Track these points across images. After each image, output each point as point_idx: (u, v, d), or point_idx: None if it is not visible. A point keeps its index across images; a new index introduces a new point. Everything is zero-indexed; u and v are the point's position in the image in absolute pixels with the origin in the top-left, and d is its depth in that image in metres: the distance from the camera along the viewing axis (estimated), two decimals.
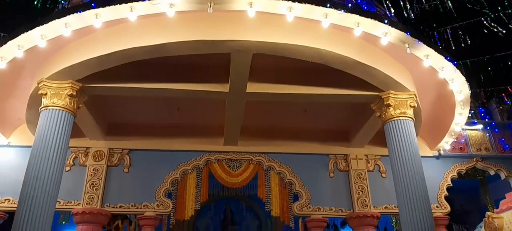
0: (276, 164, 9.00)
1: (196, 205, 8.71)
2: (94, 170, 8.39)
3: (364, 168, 9.14)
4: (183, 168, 8.74)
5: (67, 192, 7.96)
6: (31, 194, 5.67)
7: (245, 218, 13.43)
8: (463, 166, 9.33)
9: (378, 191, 8.92)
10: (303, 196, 8.76)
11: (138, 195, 8.37)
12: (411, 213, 6.19)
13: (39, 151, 5.97)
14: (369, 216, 8.51)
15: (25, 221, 5.50)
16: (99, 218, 8.00)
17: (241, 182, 9.04)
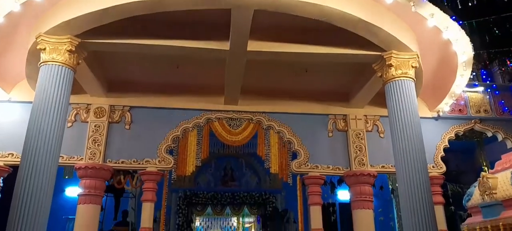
0: (276, 124, 9.07)
1: (197, 161, 8.86)
2: (96, 126, 8.47)
3: (362, 128, 9.22)
4: (184, 125, 8.81)
5: (69, 147, 8.07)
6: (34, 148, 5.74)
7: (245, 175, 13.76)
8: (461, 128, 9.41)
9: (376, 151, 9.05)
10: (301, 154, 8.90)
11: (140, 151, 8.49)
12: (407, 172, 6.32)
13: (40, 106, 6.00)
14: (366, 174, 8.67)
15: (28, 174, 5.60)
16: (102, 173, 8.16)
17: (241, 141, 9.15)
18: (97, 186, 8.06)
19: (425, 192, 6.16)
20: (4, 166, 8.08)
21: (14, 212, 5.43)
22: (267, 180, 13.42)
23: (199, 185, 13.44)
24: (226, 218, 15.66)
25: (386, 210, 12.14)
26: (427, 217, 6.00)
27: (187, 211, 13.00)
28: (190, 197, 13.03)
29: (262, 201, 13.20)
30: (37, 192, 5.53)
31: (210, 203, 13.31)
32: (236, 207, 13.59)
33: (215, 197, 13.22)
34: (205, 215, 14.46)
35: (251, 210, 13.60)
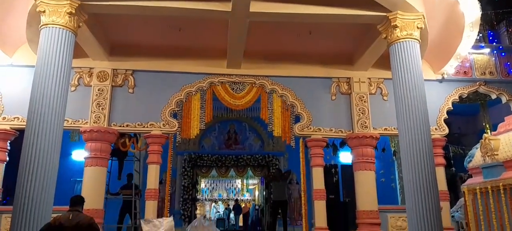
0: (279, 87, 9.05)
1: (201, 125, 8.94)
2: (99, 90, 8.49)
3: (366, 91, 9.20)
4: (187, 89, 8.82)
5: (74, 111, 8.13)
6: (38, 112, 5.80)
7: (248, 138, 13.90)
8: (465, 90, 9.35)
9: (379, 113, 9.06)
10: (304, 118, 8.94)
11: (144, 115, 8.56)
12: (410, 134, 6.36)
13: (42, 69, 6.00)
14: (368, 137, 8.74)
15: (35, 138, 5.68)
16: (107, 136, 8.27)
17: (244, 104, 9.18)
18: (103, 149, 8.19)
19: (427, 154, 6.22)
20: (10, 129, 8.20)
21: (22, 174, 5.55)
22: (270, 143, 13.56)
23: (203, 148, 13.62)
24: (230, 180, 16.00)
25: (387, 172, 12.29)
26: (428, 178, 6.09)
27: (192, 173, 13.24)
28: (195, 159, 13.25)
29: (265, 163, 13.41)
30: (44, 155, 5.63)
31: (215, 165, 13.54)
32: (240, 169, 13.83)
33: (220, 159, 13.42)
34: (210, 177, 14.76)
35: (255, 171, 13.84)
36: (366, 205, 8.51)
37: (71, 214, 4.58)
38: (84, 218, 4.65)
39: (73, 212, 4.62)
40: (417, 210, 6.00)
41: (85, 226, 4.54)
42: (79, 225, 4.51)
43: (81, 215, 4.68)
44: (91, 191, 7.93)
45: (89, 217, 4.74)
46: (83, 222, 4.57)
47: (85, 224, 4.56)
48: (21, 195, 5.46)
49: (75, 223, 4.49)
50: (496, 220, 7.61)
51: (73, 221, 4.50)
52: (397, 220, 8.65)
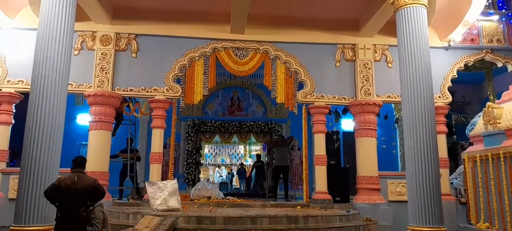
0: (283, 53, 8.99)
1: (204, 91, 8.96)
2: (103, 54, 8.47)
3: (371, 58, 9.12)
4: (190, 54, 8.78)
5: (78, 75, 8.14)
6: (43, 74, 5.79)
7: (251, 105, 13.95)
8: (471, 58, 9.25)
9: (383, 81, 9.03)
10: (307, 85, 8.92)
11: (147, 79, 8.58)
12: (413, 101, 6.34)
13: (45, 32, 5.95)
14: (371, 104, 8.75)
15: (40, 101, 5.71)
16: (111, 100, 8.32)
17: (247, 71, 9.15)
18: (107, 113, 8.26)
19: (429, 122, 6.23)
20: (15, 92, 8.26)
21: (28, 136, 5.63)
22: (273, 109, 13.62)
23: (207, 114, 13.71)
24: (233, 146, 16.17)
25: (389, 139, 12.39)
26: (430, 145, 6.13)
27: (196, 138, 13.39)
28: (198, 125, 13.36)
29: (268, 130, 13.51)
30: (49, 117, 5.68)
31: (218, 131, 13.66)
32: (243, 135, 13.95)
33: (223, 125, 13.53)
34: (213, 142, 14.90)
35: (258, 138, 13.97)
36: (366, 171, 8.63)
37: (76, 176, 4.54)
38: (89, 180, 4.64)
39: (78, 174, 4.58)
40: (417, 176, 6.08)
41: (91, 188, 4.52)
42: (85, 187, 4.48)
43: (86, 177, 4.66)
44: (96, 154, 8.08)
45: (94, 179, 4.72)
46: (89, 184, 4.55)
47: (91, 186, 4.54)
48: (27, 157, 5.56)
49: (81, 185, 4.47)
50: (495, 186, 7.73)
51: (79, 183, 4.47)
52: (396, 186, 8.78)
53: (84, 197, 4.46)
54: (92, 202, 4.60)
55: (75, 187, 4.44)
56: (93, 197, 4.58)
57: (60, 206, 4.46)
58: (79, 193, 4.43)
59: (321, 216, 6.64)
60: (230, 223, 6.09)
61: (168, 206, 6.91)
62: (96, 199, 4.65)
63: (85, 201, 4.47)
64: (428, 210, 5.91)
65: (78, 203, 4.41)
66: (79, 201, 4.42)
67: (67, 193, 4.40)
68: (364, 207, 8.09)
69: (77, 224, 4.41)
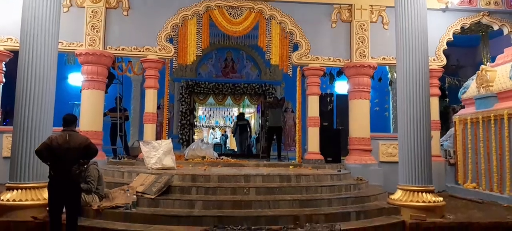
0: (278, 13, 8.82)
1: (198, 51, 8.83)
2: (93, 12, 8.25)
3: (367, 18, 9.00)
4: (183, 13, 8.59)
5: (68, 33, 7.93)
6: (31, 33, 5.63)
7: (245, 67, 13.83)
8: (468, 20, 9.15)
9: (378, 42, 8.96)
10: (303, 46, 8.83)
11: (140, 39, 8.42)
12: (408, 63, 6.30)
13: None
14: (366, 66, 8.72)
15: (29, 59, 5.57)
16: (103, 59, 8.19)
17: (241, 31, 9.00)
18: (99, 72, 8.16)
19: (423, 84, 6.22)
20: (4, 50, 8.09)
21: (20, 95, 5.55)
22: (267, 71, 13.53)
23: (200, 75, 13.59)
24: (227, 108, 16.18)
25: (382, 101, 12.46)
26: (422, 107, 6.15)
27: (190, 99, 13.34)
28: (192, 86, 13.27)
29: (262, 92, 13.46)
30: (40, 76, 5.58)
31: (212, 93, 13.59)
32: (237, 97, 13.90)
33: (217, 87, 13.45)
34: (207, 104, 14.87)
35: (251, 100, 13.95)
36: (358, 132, 8.72)
37: (67, 134, 4.52)
38: (81, 138, 4.62)
39: (69, 132, 4.56)
40: (409, 137, 6.15)
41: (83, 147, 4.53)
42: (77, 145, 4.49)
43: (78, 135, 4.63)
44: (89, 114, 8.07)
45: (86, 138, 4.72)
46: (81, 142, 4.55)
47: (83, 144, 4.54)
48: (20, 116, 5.51)
49: (73, 143, 4.46)
50: (484, 148, 7.91)
51: (71, 142, 4.46)
52: (388, 147, 8.93)
53: (75, 156, 4.47)
54: (84, 160, 4.64)
55: (67, 146, 4.44)
56: (86, 155, 4.60)
57: (52, 164, 4.47)
58: (71, 151, 4.44)
59: (312, 175, 6.76)
60: (224, 181, 6.19)
61: (163, 164, 6.98)
62: (88, 157, 4.71)
63: (77, 159, 4.50)
64: (418, 171, 6.02)
65: (70, 162, 4.43)
66: (72, 160, 4.44)
67: (59, 152, 4.41)
68: (355, 167, 8.23)
69: (70, 181, 4.47)
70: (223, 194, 5.86)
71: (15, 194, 5.35)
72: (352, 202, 6.13)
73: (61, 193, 4.44)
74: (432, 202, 5.96)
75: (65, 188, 4.43)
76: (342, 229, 5.09)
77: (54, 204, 4.50)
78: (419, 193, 5.99)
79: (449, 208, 6.49)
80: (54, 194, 4.48)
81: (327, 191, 6.31)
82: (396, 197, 6.20)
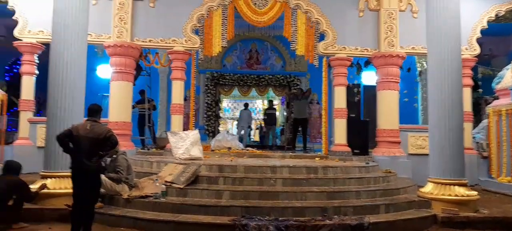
0: (304, 2, 8.71)
1: (223, 42, 8.85)
2: (120, 4, 8.36)
3: (396, 7, 8.76)
4: (208, 3, 8.60)
5: (96, 25, 8.05)
6: (62, 23, 5.77)
7: (270, 58, 13.77)
8: (503, 7, 8.74)
9: (407, 31, 8.73)
10: (329, 35, 8.69)
11: (166, 30, 8.50)
12: (439, 53, 6.09)
13: None
14: (395, 56, 8.51)
15: (61, 50, 5.71)
16: (131, 51, 8.32)
17: (266, 21, 8.95)
18: (127, 64, 8.30)
19: (455, 74, 6.01)
20: (36, 43, 8.33)
21: (53, 86, 5.70)
22: (292, 62, 13.43)
23: (225, 67, 13.64)
24: (251, 100, 16.17)
25: (411, 92, 12.11)
26: (454, 98, 5.94)
27: (215, 91, 13.43)
28: (217, 78, 13.35)
29: (286, 83, 13.39)
30: (71, 67, 5.71)
31: (237, 84, 13.64)
32: (261, 89, 13.89)
33: (241, 78, 13.47)
34: (231, 96, 14.92)
35: (276, 91, 13.89)
36: (387, 124, 8.55)
37: (89, 124, 4.44)
38: (102, 129, 4.46)
39: (91, 122, 4.47)
40: (440, 129, 5.96)
41: (102, 138, 4.38)
42: (96, 136, 4.36)
43: (99, 126, 4.50)
44: (118, 105, 8.23)
45: (108, 129, 4.55)
46: (101, 133, 4.40)
47: (102, 135, 4.38)
48: (53, 106, 5.67)
49: (92, 134, 4.35)
50: None
51: (91, 132, 4.36)
52: (417, 139, 8.70)
53: (95, 146, 4.35)
54: (104, 152, 4.50)
55: (86, 135, 4.34)
56: (105, 147, 4.45)
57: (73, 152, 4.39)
58: (91, 141, 4.33)
59: (340, 167, 6.67)
60: (251, 171, 6.18)
61: (190, 155, 7.05)
62: (108, 149, 4.55)
63: (97, 150, 4.37)
64: (450, 163, 5.84)
65: (89, 152, 4.31)
66: (91, 150, 4.32)
67: (79, 141, 4.33)
68: (383, 160, 8.07)
69: (89, 173, 4.35)
70: (249, 184, 5.86)
71: (49, 182, 5.52)
72: (380, 195, 6.01)
73: (80, 181, 4.36)
74: (465, 195, 5.77)
75: (83, 177, 4.34)
76: (371, 222, 5.00)
77: (75, 192, 4.42)
78: (451, 186, 5.80)
79: (483, 202, 6.27)
80: (74, 183, 4.42)
81: (355, 183, 6.20)
82: (426, 190, 6.04)
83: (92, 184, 4.44)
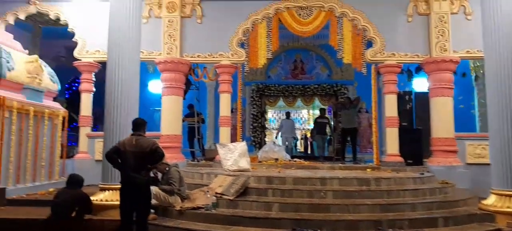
0: (350, 10, 8.58)
1: (268, 54, 8.91)
2: (169, 22, 8.70)
3: (447, 10, 8.41)
4: (253, 17, 8.72)
5: (147, 43, 8.38)
6: (117, 43, 6.09)
7: (315, 67, 13.64)
8: None
9: (461, 35, 8.33)
10: (377, 42, 8.49)
11: (213, 45, 8.72)
12: (498, 56, 5.74)
13: (116, 2, 6.20)
14: (448, 60, 8.14)
15: (116, 67, 6.02)
16: (180, 66, 8.61)
17: (311, 31, 8.92)
18: (177, 79, 8.61)
19: None
20: (93, 62, 8.85)
21: (109, 102, 6.02)
22: (338, 71, 13.20)
23: (270, 78, 13.69)
24: (296, 110, 16.06)
25: (467, 98, 11.44)
26: None
27: (261, 102, 13.51)
28: (262, 89, 13.43)
29: (333, 92, 13.18)
30: (126, 83, 6.01)
31: (282, 95, 13.62)
32: (307, 99, 13.77)
33: (286, 89, 13.44)
34: (277, 107, 14.92)
35: (322, 101, 13.70)
36: (442, 132, 8.16)
37: (134, 138, 4.53)
38: (147, 143, 4.52)
39: (136, 136, 4.55)
40: (502, 136, 5.59)
41: (148, 151, 4.44)
42: (142, 149, 4.43)
43: (145, 140, 4.57)
44: (169, 119, 8.53)
45: (153, 142, 4.60)
46: (147, 146, 4.47)
47: (148, 148, 4.45)
48: (109, 122, 5.97)
49: (138, 148, 4.44)
50: None
51: (137, 146, 4.44)
52: (475, 148, 8.20)
53: (141, 160, 4.42)
54: (151, 165, 4.60)
55: (134, 149, 4.42)
56: (151, 160, 4.52)
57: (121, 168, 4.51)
58: (138, 155, 4.40)
59: (393, 178, 6.44)
60: (300, 183, 6.13)
61: (238, 166, 7.12)
62: (155, 162, 4.65)
63: (144, 163, 4.45)
64: None
65: (137, 166, 4.39)
66: (138, 164, 4.40)
67: (126, 156, 4.43)
68: (439, 170, 7.67)
69: (139, 186, 4.41)
70: (299, 196, 5.81)
71: (107, 194, 5.80)
72: (438, 207, 5.71)
73: (129, 196, 4.43)
74: None
75: (133, 191, 4.41)
76: None
77: (124, 206, 4.50)
78: None
79: None
80: (123, 197, 4.49)
81: (410, 195, 5.96)
82: (489, 202, 5.66)
83: (142, 196, 4.52)
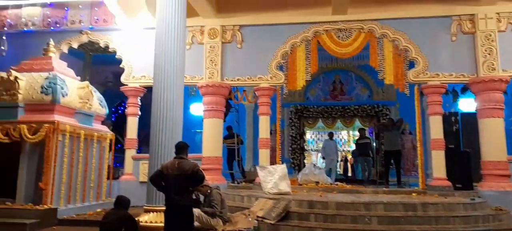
0: (390, 31, 8.49)
1: (307, 76, 8.94)
2: (211, 47, 8.99)
3: (494, 28, 8.14)
4: (292, 40, 8.83)
5: (190, 68, 8.68)
6: (163, 68, 6.28)
7: (355, 88, 13.43)
8: None
9: (510, 53, 7.98)
10: (419, 63, 8.30)
11: (252, 69, 8.89)
12: None
13: (162, 30, 6.41)
14: (497, 80, 7.81)
15: (162, 93, 6.22)
16: (221, 90, 8.83)
17: (351, 52, 8.89)
18: (218, 102, 8.82)
19: None
20: (139, 87, 9.26)
21: (155, 125, 6.22)
22: (379, 92, 12.92)
23: (309, 99, 13.63)
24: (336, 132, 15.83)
25: None
26: None
27: (299, 123, 13.44)
28: (301, 110, 13.38)
29: (374, 113, 12.88)
30: (171, 107, 6.19)
31: (321, 116, 13.50)
32: (347, 120, 13.55)
33: (325, 110, 13.31)
34: (316, 128, 14.78)
35: (363, 122, 13.41)
36: (493, 155, 7.77)
37: (177, 161, 4.59)
38: (188, 165, 4.56)
39: (179, 159, 4.61)
40: None
41: (189, 174, 4.49)
42: (183, 172, 4.48)
43: (186, 162, 4.61)
44: (211, 141, 8.71)
45: (194, 164, 4.62)
46: (188, 169, 4.51)
47: (189, 171, 4.50)
48: (155, 144, 6.16)
49: (179, 171, 4.48)
50: None
51: (179, 169, 4.49)
52: None
53: (183, 182, 4.48)
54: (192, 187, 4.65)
55: (176, 172, 4.48)
56: (192, 183, 4.59)
57: (165, 191, 4.59)
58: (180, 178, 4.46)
59: (441, 203, 6.14)
60: (343, 208, 6.00)
61: (279, 189, 7.08)
62: (196, 184, 4.73)
63: (187, 186, 4.51)
64: None
65: (179, 188, 4.45)
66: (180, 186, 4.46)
67: (168, 179, 4.50)
68: (491, 195, 7.27)
69: (182, 208, 4.47)
70: (343, 222, 5.68)
71: (152, 216, 5.93)
72: None
73: (173, 219, 4.48)
74: None
75: (176, 213, 4.46)
76: None
77: (168, 228, 4.56)
78: None
79: None
80: (167, 220, 4.56)
81: (461, 222, 5.67)
82: None
83: (185, 219, 4.56)
